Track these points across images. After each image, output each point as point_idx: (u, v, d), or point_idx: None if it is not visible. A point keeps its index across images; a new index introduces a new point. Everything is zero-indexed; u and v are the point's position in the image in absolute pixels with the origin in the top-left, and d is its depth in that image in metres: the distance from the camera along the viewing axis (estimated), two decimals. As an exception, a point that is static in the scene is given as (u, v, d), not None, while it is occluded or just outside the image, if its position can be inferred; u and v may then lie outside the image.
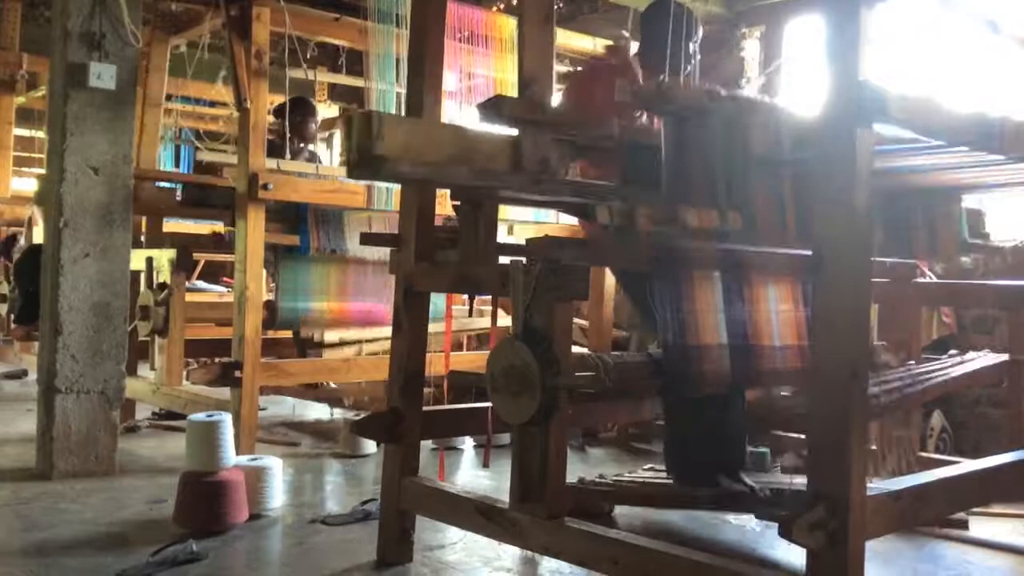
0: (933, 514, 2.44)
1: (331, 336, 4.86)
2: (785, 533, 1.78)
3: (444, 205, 3.07)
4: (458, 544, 2.98)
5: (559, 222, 4.86)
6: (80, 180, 3.71)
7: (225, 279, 7.15)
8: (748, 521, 3.27)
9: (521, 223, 4.82)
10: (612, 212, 2.15)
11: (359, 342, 4.93)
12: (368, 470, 4.10)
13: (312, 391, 5.12)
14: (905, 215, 2.77)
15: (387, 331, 4.53)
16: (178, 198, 5.29)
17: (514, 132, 2.34)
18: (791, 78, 5.52)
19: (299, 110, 5.07)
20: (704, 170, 2.36)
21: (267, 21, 4.02)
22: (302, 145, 5.22)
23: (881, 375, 2.77)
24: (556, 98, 3.15)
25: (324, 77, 5.85)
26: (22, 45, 6.64)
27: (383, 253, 4.37)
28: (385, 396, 2.98)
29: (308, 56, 4.69)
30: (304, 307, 4.61)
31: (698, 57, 3.39)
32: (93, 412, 3.76)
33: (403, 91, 3.41)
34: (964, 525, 3.02)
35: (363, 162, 2.03)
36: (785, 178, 2.42)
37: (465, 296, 3.11)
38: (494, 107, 2.32)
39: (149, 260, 4.65)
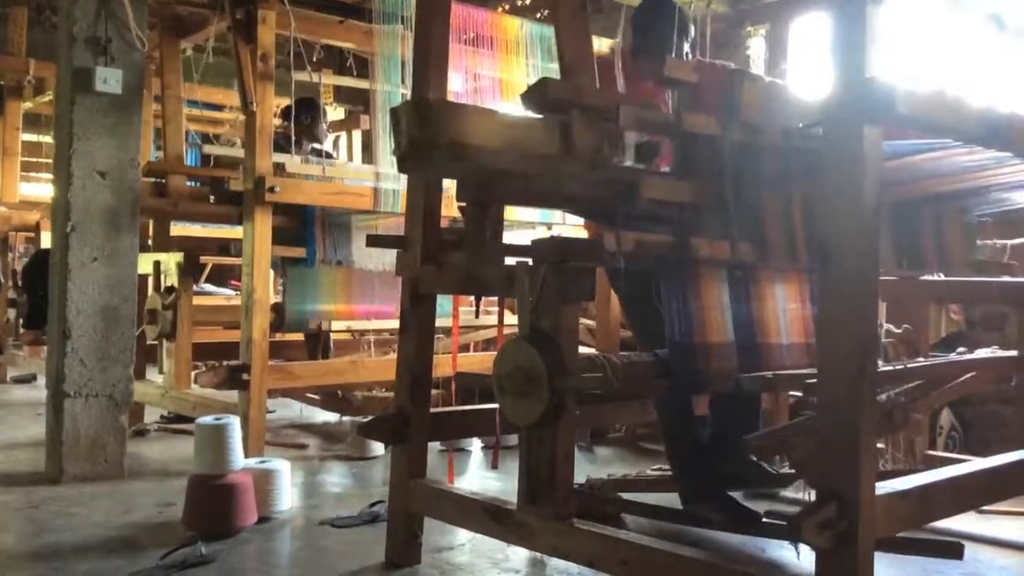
0: (943, 513, 2.42)
1: (338, 325, 4.87)
2: (794, 533, 1.77)
3: (450, 206, 3.07)
4: (467, 545, 2.97)
5: (565, 222, 4.85)
6: (87, 184, 3.72)
7: (232, 282, 7.16)
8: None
9: (534, 224, 4.82)
10: (619, 238, 2.13)
11: (364, 331, 4.94)
12: (376, 472, 4.10)
13: (329, 401, 5.11)
14: (914, 222, 2.75)
15: (392, 322, 4.56)
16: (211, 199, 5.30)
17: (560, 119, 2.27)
18: (798, 77, 5.51)
19: (307, 111, 5.08)
20: (713, 190, 2.35)
21: (272, 24, 4.03)
22: (312, 146, 5.23)
23: (894, 386, 2.74)
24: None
25: (330, 79, 5.84)
26: (29, 50, 6.67)
27: (388, 263, 4.40)
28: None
29: (314, 59, 4.69)
30: (312, 309, 4.62)
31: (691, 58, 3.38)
32: (102, 416, 3.76)
33: (409, 93, 3.41)
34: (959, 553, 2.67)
35: (416, 152, 1.99)
36: (795, 199, 2.41)
37: (472, 297, 3.11)
38: (539, 92, 2.25)
39: (157, 264, 4.66)
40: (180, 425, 4.88)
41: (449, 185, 3.08)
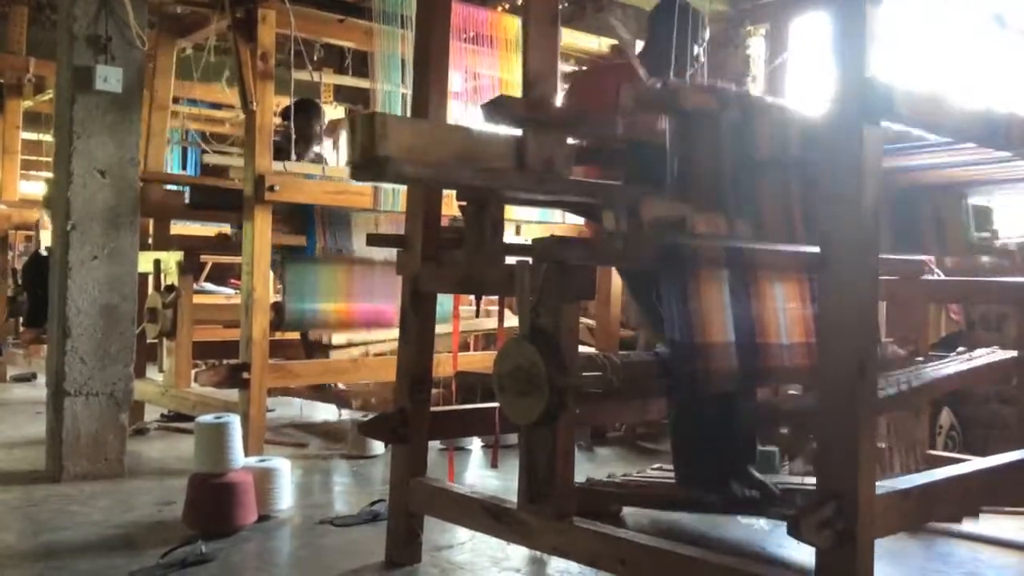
0: (942, 513, 2.43)
1: (339, 339, 4.87)
2: (794, 531, 1.77)
3: (450, 206, 3.07)
4: (467, 544, 2.98)
5: (565, 222, 4.86)
6: (88, 183, 3.72)
7: (232, 281, 7.16)
8: (756, 520, 3.26)
9: (531, 223, 4.82)
10: (618, 217, 2.15)
11: (366, 343, 4.93)
12: (376, 471, 4.10)
13: (320, 392, 5.13)
14: (913, 212, 2.76)
15: (394, 332, 4.56)
16: (186, 200, 5.28)
17: (518, 132, 2.34)
18: (797, 76, 5.51)
19: (304, 112, 5.06)
20: (711, 173, 2.36)
21: (272, 23, 4.03)
22: (307, 147, 5.22)
23: (888, 373, 2.76)
24: (559, 98, 3.14)
25: (330, 79, 5.85)
26: (29, 49, 6.67)
27: (389, 253, 4.39)
28: (392, 397, 2.98)
29: (314, 58, 4.69)
30: (311, 308, 4.62)
31: (702, 60, 3.38)
32: (102, 414, 3.77)
33: (409, 92, 3.42)
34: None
35: (367, 163, 2.03)
36: (792, 180, 2.42)
37: (472, 296, 3.11)
38: (498, 107, 2.31)
39: (157, 262, 4.66)
40: (180, 424, 4.88)
41: (449, 184, 3.08)
